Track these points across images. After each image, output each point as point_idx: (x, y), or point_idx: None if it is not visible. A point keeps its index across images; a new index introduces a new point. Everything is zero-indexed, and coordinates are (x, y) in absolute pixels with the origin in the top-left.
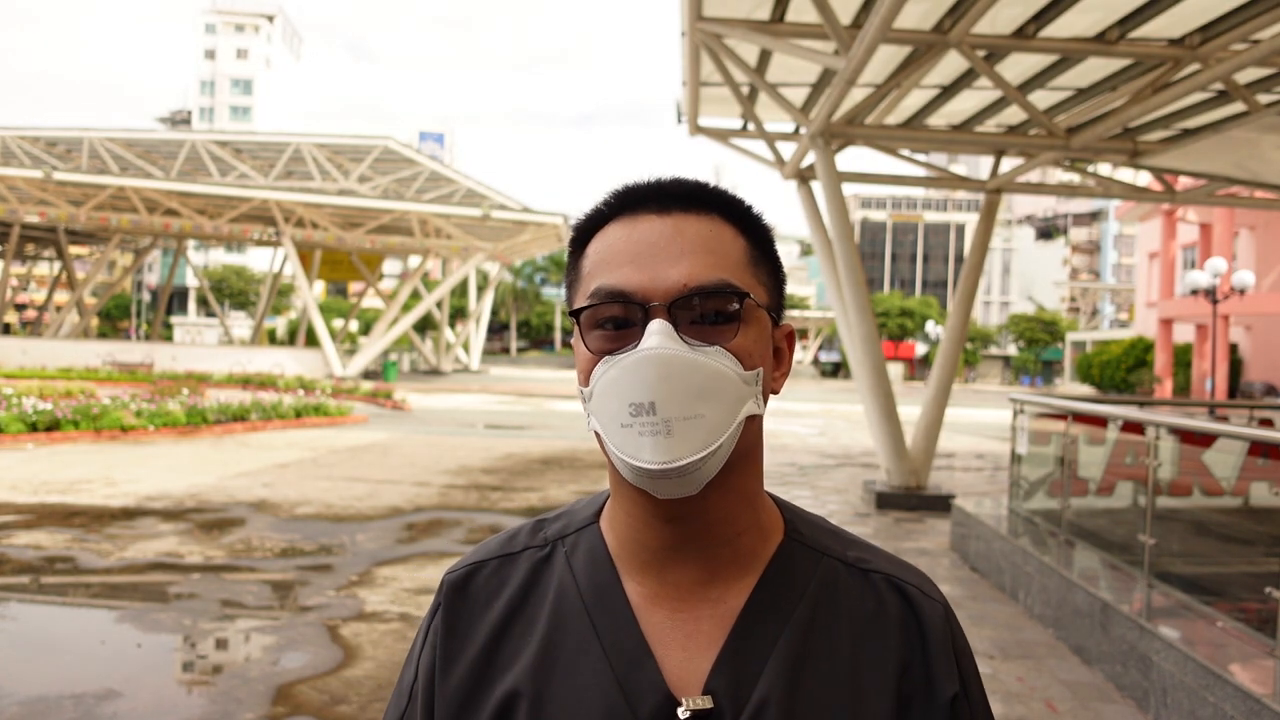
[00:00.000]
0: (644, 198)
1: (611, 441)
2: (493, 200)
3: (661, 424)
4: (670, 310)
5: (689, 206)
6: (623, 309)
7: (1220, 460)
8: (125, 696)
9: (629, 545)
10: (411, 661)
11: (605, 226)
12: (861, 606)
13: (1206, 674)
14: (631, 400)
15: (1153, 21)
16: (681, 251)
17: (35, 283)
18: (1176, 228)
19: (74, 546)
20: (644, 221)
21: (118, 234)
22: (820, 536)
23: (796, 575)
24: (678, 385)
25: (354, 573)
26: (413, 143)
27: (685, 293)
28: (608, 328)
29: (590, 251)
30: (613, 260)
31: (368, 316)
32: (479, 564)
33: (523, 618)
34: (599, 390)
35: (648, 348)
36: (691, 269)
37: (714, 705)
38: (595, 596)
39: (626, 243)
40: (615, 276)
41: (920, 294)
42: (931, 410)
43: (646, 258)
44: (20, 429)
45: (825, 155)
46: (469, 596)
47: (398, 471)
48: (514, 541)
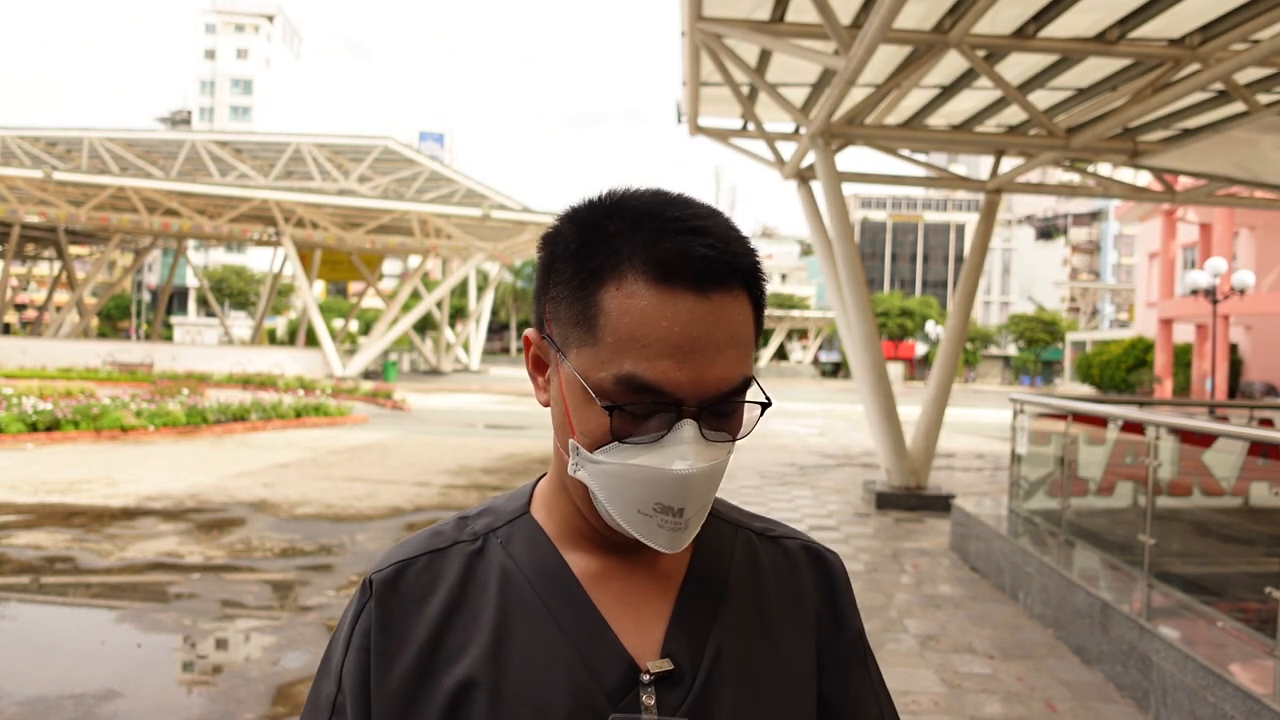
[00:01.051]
0: (681, 266)
1: (620, 517)
2: (493, 200)
3: (684, 523)
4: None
5: (724, 282)
6: (653, 403)
7: (1220, 460)
8: (125, 696)
9: (571, 531)
10: (329, 674)
11: (627, 277)
12: (778, 568)
13: (1206, 674)
14: (660, 501)
15: (1153, 21)
16: (720, 346)
17: (35, 283)
18: (1176, 228)
19: (74, 546)
20: (682, 300)
21: (118, 234)
22: (731, 512)
23: (722, 546)
24: (701, 492)
25: (354, 573)
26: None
27: (719, 397)
28: (627, 414)
29: (609, 308)
30: (649, 345)
31: (368, 316)
32: (407, 561)
33: (464, 610)
34: (614, 471)
35: (687, 463)
36: (727, 370)
37: (674, 667)
38: (543, 580)
39: (665, 327)
40: (654, 371)
41: (920, 294)
42: (931, 410)
43: (687, 352)
44: (20, 429)
45: (825, 155)
46: (400, 594)
47: (398, 471)
48: (440, 537)
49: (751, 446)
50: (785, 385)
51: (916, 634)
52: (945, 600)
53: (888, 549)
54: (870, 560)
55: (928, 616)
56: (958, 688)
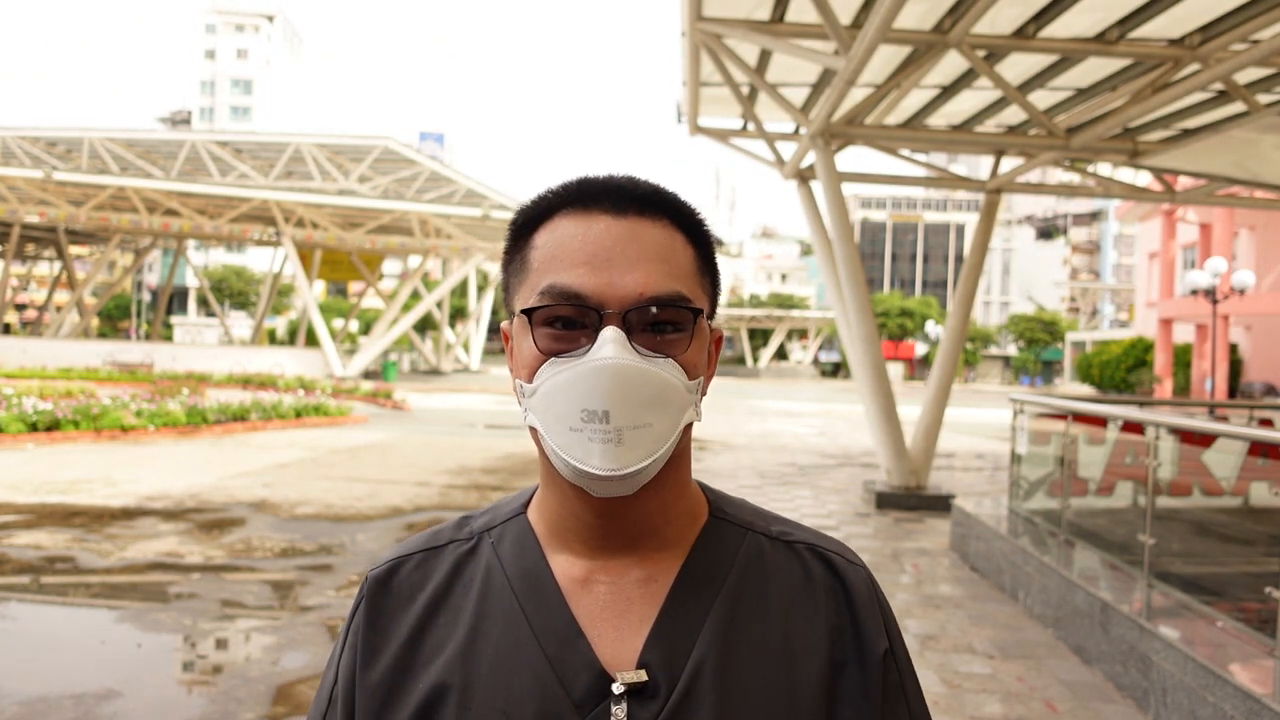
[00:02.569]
0: (599, 195)
1: (556, 442)
2: (493, 200)
3: (613, 432)
4: (624, 318)
5: (645, 210)
6: (575, 311)
7: (1220, 460)
8: (125, 696)
9: (559, 533)
10: (331, 665)
11: (554, 218)
12: (788, 575)
13: (1206, 674)
14: (584, 406)
15: (1153, 21)
16: (638, 257)
17: (35, 283)
18: (1176, 228)
19: (74, 546)
20: (599, 220)
21: (118, 234)
22: (743, 514)
23: (723, 551)
24: (631, 395)
25: (354, 573)
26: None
27: (641, 302)
28: (556, 327)
29: (538, 243)
30: (566, 258)
31: (368, 316)
32: (402, 559)
33: (446, 609)
34: (545, 390)
35: (605, 357)
36: (648, 277)
37: (648, 679)
38: (523, 582)
39: (581, 241)
40: (569, 276)
41: (920, 294)
42: (931, 410)
43: (602, 260)
44: (20, 429)
45: (825, 155)
46: (391, 591)
47: (398, 471)
48: (438, 536)
49: (751, 446)
50: (785, 385)
51: (916, 634)
52: (945, 600)
53: (888, 549)
54: (870, 560)
55: (928, 616)
56: (958, 688)
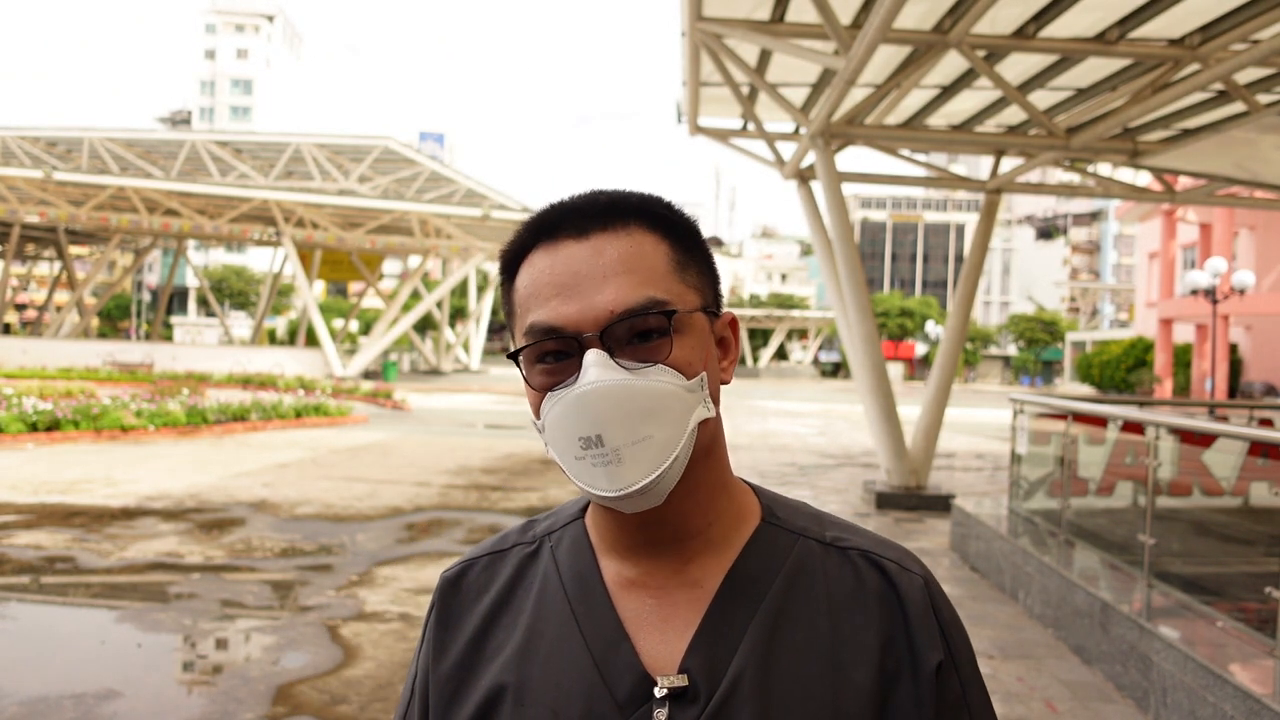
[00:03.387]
0: (560, 221)
1: (569, 471)
2: (493, 200)
3: (611, 454)
4: (602, 338)
5: (605, 223)
6: (558, 343)
7: (1220, 460)
8: (125, 696)
9: (610, 536)
10: (414, 661)
11: (529, 255)
12: (839, 583)
13: (1206, 674)
14: (579, 435)
15: (1153, 21)
16: (604, 275)
17: (35, 283)
18: (1176, 228)
19: (74, 546)
20: (564, 248)
21: (118, 234)
22: (797, 519)
23: (772, 556)
24: (620, 413)
25: (354, 573)
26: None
27: (613, 319)
28: (548, 362)
29: (519, 285)
30: (540, 293)
31: (368, 316)
32: (472, 561)
33: (509, 610)
34: (549, 424)
35: (586, 383)
36: (617, 293)
37: (689, 683)
38: (575, 584)
39: (550, 273)
40: (545, 311)
41: (920, 294)
42: (931, 410)
43: (571, 288)
44: (20, 429)
45: (825, 155)
46: (461, 591)
47: (398, 471)
48: (504, 539)
49: (751, 446)
50: (785, 385)
51: None
52: None
53: None
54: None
55: None
56: None
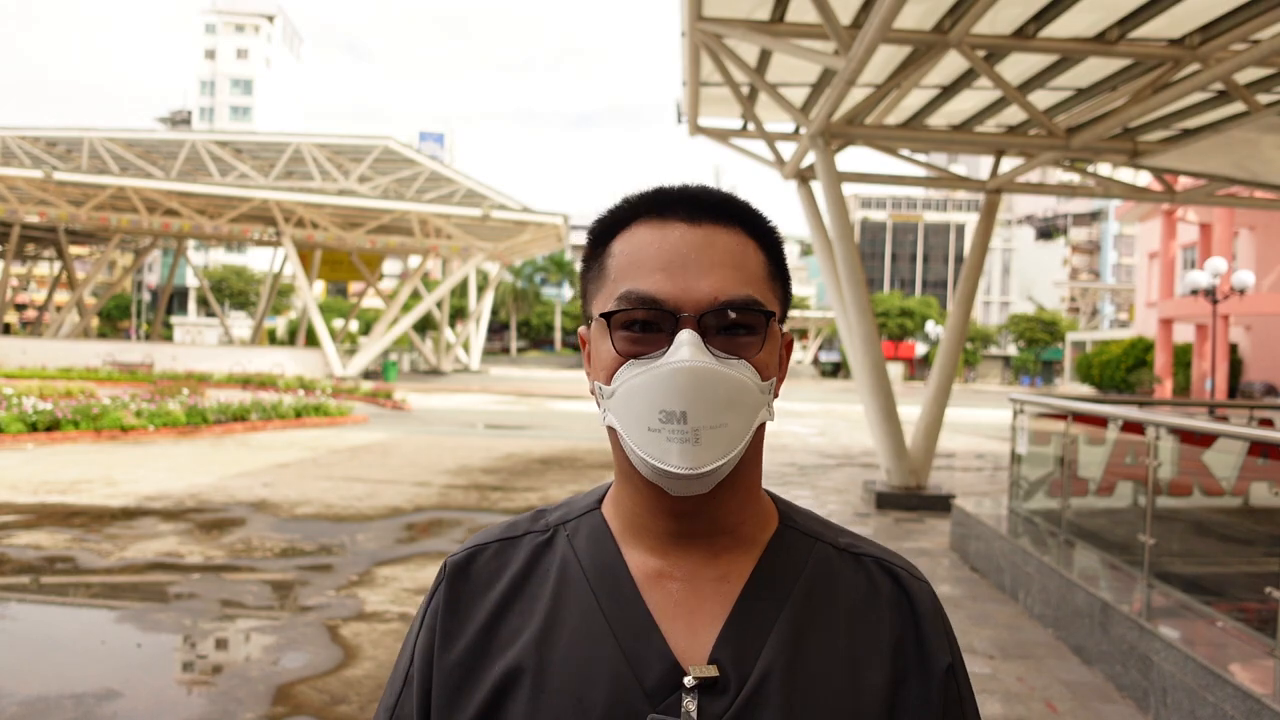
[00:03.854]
0: (674, 203)
1: (635, 442)
2: (493, 200)
3: (691, 433)
4: (699, 321)
5: (718, 218)
6: (652, 315)
7: (1220, 460)
8: (125, 696)
9: (634, 528)
10: (406, 649)
11: (630, 226)
12: (855, 587)
13: (1206, 674)
14: (663, 407)
15: (1153, 21)
16: (712, 264)
17: (35, 283)
18: (1176, 228)
19: (74, 546)
20: (674, 229)
21: (118, 234)
22: (812, 525)
23: (793, 557)
24: (708, 396)
25: (354, 573)
26: (413, 143)
27: (716, 306)
28: (634, 330)
29: (616, 251)
30: (644, 264)
31: (368, 316)
32: (480, 547)
33: (524, 597)
34: (624, 391)
35: (682, 359)
36: (722, 282)
37: (719, 674)
38: (599, 573)
39: (658, 249)
40: (647, 282)
41: (920, 294)
42: (931, 410)
43: (678, 267)
44: (20, 429)
45: (825, 155)
46: (470, 577)
47: (398, 471)
48: (515, 527)
49: None
50: (785, 385)
51: None
52: (945, 600)
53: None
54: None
55: None
56: None
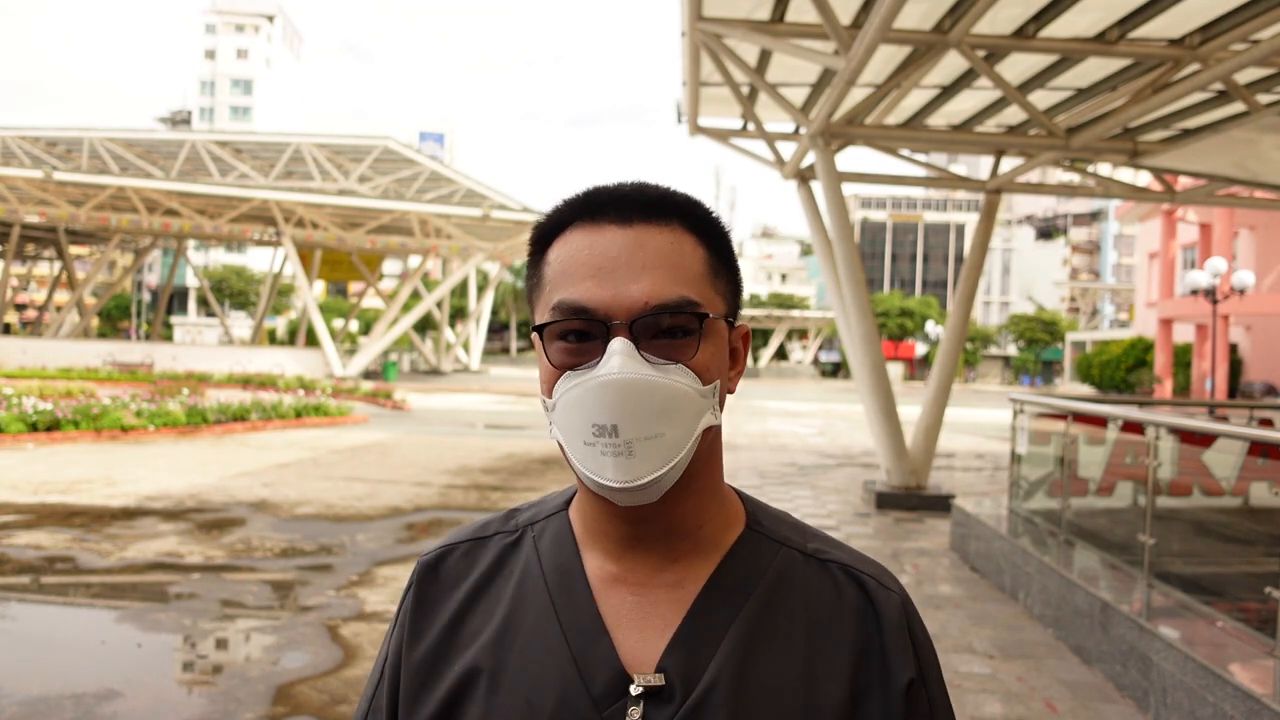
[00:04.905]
0: (605, 205)
1: (574, 456)
2: (493, 200)
3: (623, 445)
4: (631, 328)
5: (651, 216)
6: (584, 324)
7: (1220, 460)
8: (125, 696)
9: (592, 532)
10: (384, 644)
11: (565, 232)
12: (818, 594)
13: (1206, 674)
14: (594, 421)
15: (1153, 21)
16: (644, 266)
17: (35, 283)
18: (1176, 228)
19: (74, 546)
20: (606, 232)
21: (118, 234)
22: (781, 529)
23: (754, 563)
24: (639, 407)
25: (354, 573)
26: (413, 143)
27: (647, 311)
28: (569, 340)
29: (551, 258)
30: (575, 272)
31: (368, 316)
32: (451, 547)
33: (487, 597)
34: (561, 405)
35: (610, 371)
36: (653, 285)
37: (665, 683)
38: (557, 577)
39: (589, 254)
40: (577, 291)
41: (920, 294)
42: (931, 410)
43: (608, 272)
44: (20, 429)
45: (825, 155)
46: (439, 577)
47: (398, 471)
48: (486, 527)
49: (751, 446)
50: (785, 385)
51: None
52: (945, 600)
53: (888, 549)
54: (871, 560)
55: (928, 616)
56: (958, 687)
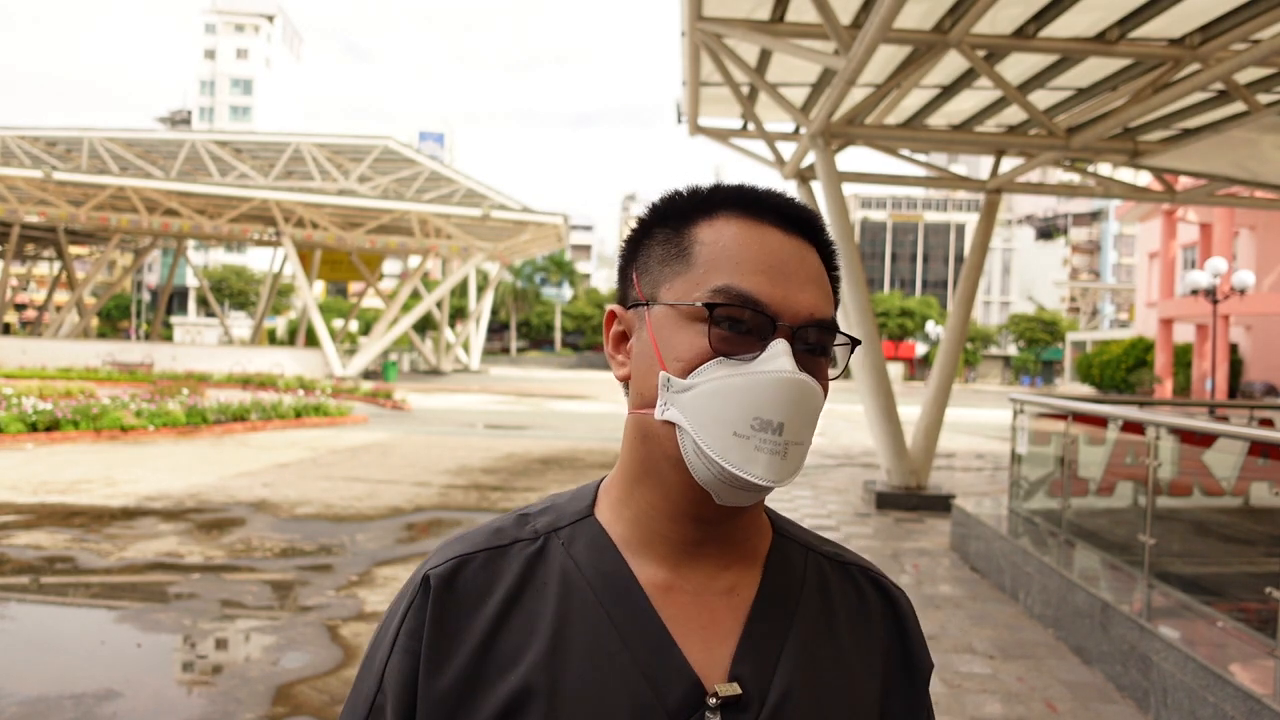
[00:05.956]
0: (767, 207)
1: (709, 444)
2: (493, 200)
3: (782, 445)
4: (794, 334)
5: (805, 232)
6: (750, 316)
7: (1220, 460)
8: (125, 696)
9: (644, 536)
10: (371, 672)
11: (716, 216)
12: (846, 596)
13: (1206, 674)
14: (759, 415)
15: (1153, 21)
16: (807, 278)
17: (35, 283)
18: (1176, 228)
19: (74, 546)
20: (769, 232)
21: (118, 234)
22: (801, 534)
23: (791, 569)
24: (802, 411)
25: (354, 573)
26: (412, 143)
27: (811, 322)
28: (723, 328)
29: (703, 238)
30: (743, 262)
31: (368, 316)
32: (466, 557)
33: (521, 612)
34: (709, 389)
35: (786, 369)
36: (816, 299)
37: (742, 692)
38: (606, 586)
39: (758, 249)
40: (750, 282)
41: (920, 294)
42: (931, 410)
43: (780, 273)
44: (20, 429)
45: (825, 155)
46: (457, 591)
47: (398, 471)
48: (501, 534)
49: None
50: None
51: None
52: (945, 600)
53: (888, 549)
54: (870, 560)
55: (928, 616)
56: (958, 688)
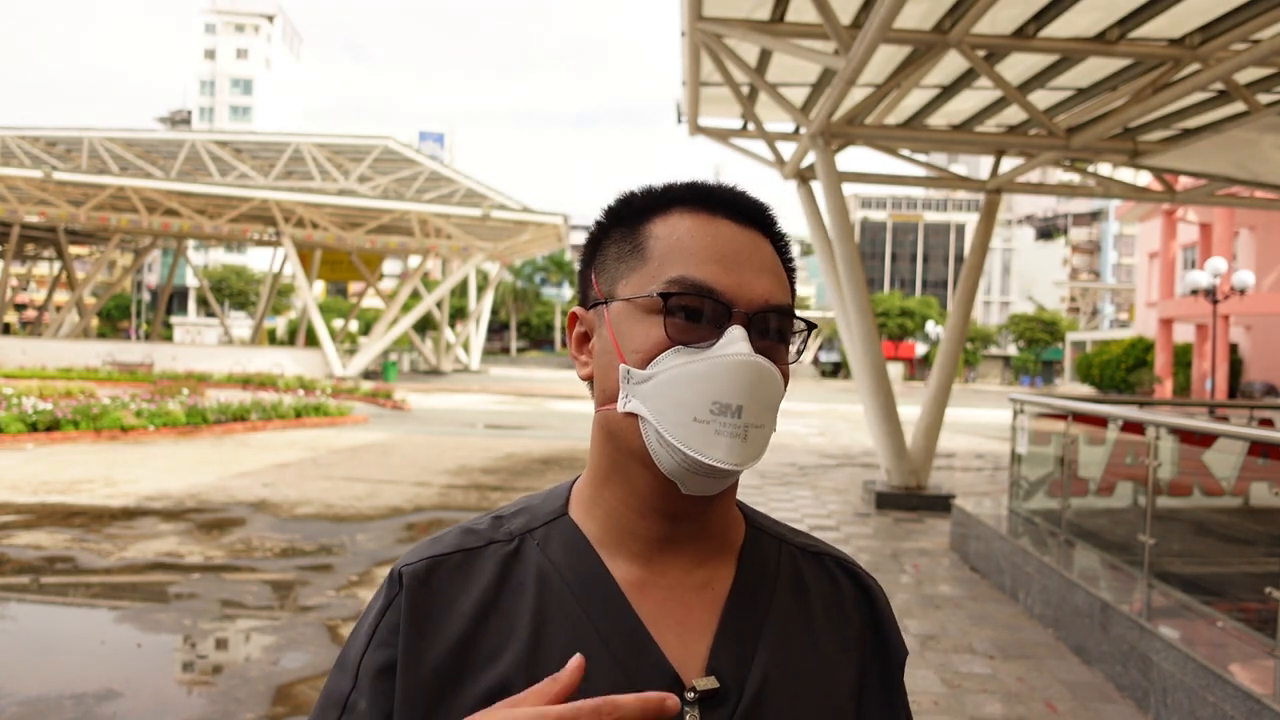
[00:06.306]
0: (722, 201)
1: (671, 432)
2: (493, 200)
3: (741, 428)
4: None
5: (759, 223)
6: (706, 305)
7: (1220, 460)
8: (125, 696)
9: (617, 534)
10: (346, 670)
11: (670, 212)
12: (819, 586)
13: (1206, 674)
14: (718, 399)
15: (1153, 21)
16: (762, 267)
17: (35, 283)
18: (1176, 228)
19: (74, 546)
20: (722, 224)
21: (118, 234)
22: (774, 526)
23: (765, 561)
24: (761, 394)
25: (354, 573)
26: (413, 143)
27: (766, 308)
28: (679, 317)
29: (657, 233)
30: (696, 253)
31: (368, 316)
32: (441, 557)
33: (497, 613)
34: (668, 378)
35: (742, 353)
36: (770, 287)
37: (719, 685)
38: (583, 586)
39: (711, 240)
40: (702, 271)
41: (920, 294)
42: (931, 410)
43: (732, 262)
44: (20, 429)
45: (825, 155)
46: (433, 590)
47: (398, 471)
48: (474, 535)
49: None
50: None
51: (917, 634)
52: (945, 600)
53: (888, 549)
54: (870, 560)
55: (928, 616)
56: (958, 688)
